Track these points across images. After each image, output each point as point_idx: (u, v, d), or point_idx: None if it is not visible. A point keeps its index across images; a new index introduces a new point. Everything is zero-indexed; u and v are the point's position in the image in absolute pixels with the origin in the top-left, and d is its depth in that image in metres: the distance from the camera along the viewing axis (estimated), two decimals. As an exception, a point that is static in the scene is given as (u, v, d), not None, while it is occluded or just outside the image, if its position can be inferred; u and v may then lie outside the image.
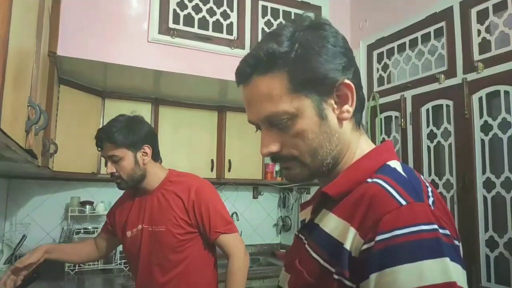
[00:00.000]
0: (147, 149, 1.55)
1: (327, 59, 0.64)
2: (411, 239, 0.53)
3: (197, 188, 1.54)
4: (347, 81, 0.65)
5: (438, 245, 0.53)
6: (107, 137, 1.50)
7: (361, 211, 0.58)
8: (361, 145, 0.70)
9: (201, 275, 1.54)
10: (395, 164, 0.66)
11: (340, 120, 0.66)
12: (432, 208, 0.57)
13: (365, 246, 0.55)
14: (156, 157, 1.60)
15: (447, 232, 0.56)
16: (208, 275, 1.58)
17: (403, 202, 0.56)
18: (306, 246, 0.68)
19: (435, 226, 0.54)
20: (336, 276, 0.58)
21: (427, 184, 0.64)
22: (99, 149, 1.56)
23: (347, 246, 0.57)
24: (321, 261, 0.61)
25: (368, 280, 0.54)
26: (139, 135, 1.53)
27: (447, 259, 0.52)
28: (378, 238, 0.54)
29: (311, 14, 0.68)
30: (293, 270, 0.68)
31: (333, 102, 0.65)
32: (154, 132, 1.65)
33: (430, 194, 0.61)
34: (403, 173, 0.63)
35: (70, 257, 1.75)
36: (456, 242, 0.58)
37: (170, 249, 1.51)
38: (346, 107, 0.66)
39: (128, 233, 1.59)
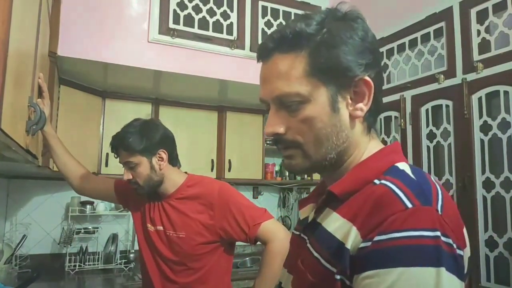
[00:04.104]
0: (163, 154, 1.50)
1: (352, 51, 0.62)
2: (410, 243, 0.52)
3: (219, 191, 1.50)
4: (367, 78, 0.63)
5: (437, 253, 0.52)
6: (120, 144, 1.47)
7: (365, 211, 0.57)
8: (369, 148, 0.68)
9: (216, 284, 1.52)
10: (404, 166, 0.64)
11: (352, 117, 0.64)
12: (440, 213, 0.55)
13: (362, 245, 0.55)
14: (173, 161, 1.55)
15: (450, 241, 0.54)
16: (223, 286, 1.55)
17: (409, 205, 0.55)
18: (308, 245, 0.67)
19: (438, 233, 0.53)
20: (338, 276, 0.57)
21: (438, 187, 0.61)
22: (116, 156, 1.52)
23: (348, 245, 0.57)
24: (322, 261, 0.60)
25: (358, 276, 0.54)
26: (153, 140, 1.48)
27: (443, 270, 0.51)
28: (377, 238, 0.54)
29: (346, 6, 0.66)
30: (296, 270, 0.68)
31: (348, 97, 0.64)
32: (171, 136, 1.58)
33: (440, 197, 0.59)
34: (412, 175, 0.61)
35: (63, 155, 1.66)
36: (459, 252, 0.56)
37: (188, 256, 1.48)
38: (360, 105, 0.64)
39: (150, 227, 1.56)
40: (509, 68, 1.87)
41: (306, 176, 3.47)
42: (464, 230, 0.61)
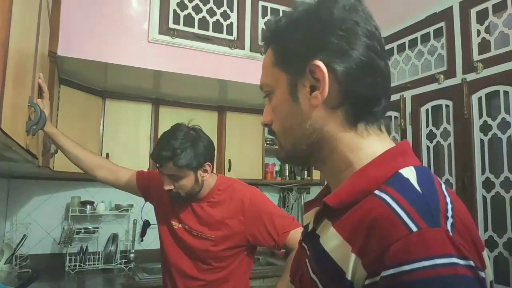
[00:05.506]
0: (208, 167, 1.50)
1: (305, 35, 0.59)
2: (423, 276, 0.44)
3: (251, 198, 1.52)
4: (317, 62, 0.57)
5: (456, 283, 0.44)
6: (171, 159, 1.41)
7: (362, 234, 0.50)
8: (372, 148, 0.59)
9: (237, 283, 1.55)
10: (409, 173, 0.55)
11: (312, 106, 0.59)
12: (451, 233, 0.47)
13: (368, 281, 0.48)
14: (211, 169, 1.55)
15: (471, 263, 0.46)
16: (241, 285, 1.58)
17: (414, 228, 0.47)
18: (306, 260, 0.62)
19: (454, 260, 0.45)
20: None
21: (448, 199, 0.53)
22: (158, 166, 1.47)
23: (349, 275, 0.50)
24: (320, 286, 0.56)
25: None
26: (203, 155, 1.47)
27: None
28: (384, 273, 0.46)
29: None
30: (296, 285, 0.67)
31: (308, 85, 0.59)
32: (213, 146, 1.57)
33: (449, 212, 0.50)
34: (417, 185, 0.52)
35: (73, 149, 1.61)
36: (481, 274, 0.48)
37: (214, 257, 1.51)
38: (316, 92, 0.58)
39: (175, 224, 1.56)
40: (509, 68, 1.87)
41: (306, 175, 3.47)
42: (484, 253, 0.52)
